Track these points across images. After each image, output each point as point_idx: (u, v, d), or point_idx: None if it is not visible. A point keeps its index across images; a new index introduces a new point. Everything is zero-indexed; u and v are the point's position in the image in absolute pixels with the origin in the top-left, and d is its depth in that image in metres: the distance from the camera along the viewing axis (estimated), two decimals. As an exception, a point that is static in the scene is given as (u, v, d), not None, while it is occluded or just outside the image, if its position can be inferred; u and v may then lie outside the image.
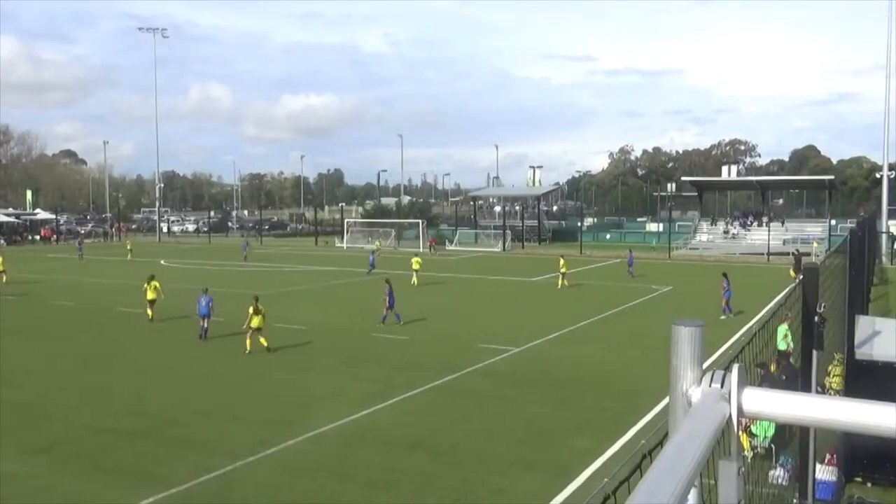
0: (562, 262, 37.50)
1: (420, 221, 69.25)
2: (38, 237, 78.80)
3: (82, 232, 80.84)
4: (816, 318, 5.56)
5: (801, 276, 5.98)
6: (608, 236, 75.50)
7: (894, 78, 53.58)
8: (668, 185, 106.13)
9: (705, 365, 1.56)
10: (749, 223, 63.80)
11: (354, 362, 20.67)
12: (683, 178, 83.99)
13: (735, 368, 1.47)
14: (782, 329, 10.95)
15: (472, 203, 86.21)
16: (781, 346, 11.83)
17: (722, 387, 1.47)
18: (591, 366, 20.13)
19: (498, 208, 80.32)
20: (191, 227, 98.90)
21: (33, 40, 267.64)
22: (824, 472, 10.19)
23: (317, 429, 14.59)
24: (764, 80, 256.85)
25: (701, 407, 1.43)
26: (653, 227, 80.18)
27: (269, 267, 49.39)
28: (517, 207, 77.71)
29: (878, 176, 59.82)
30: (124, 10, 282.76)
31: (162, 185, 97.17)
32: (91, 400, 17.00)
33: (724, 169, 77.26)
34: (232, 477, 12.26)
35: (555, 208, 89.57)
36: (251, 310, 21.87)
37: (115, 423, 15.28)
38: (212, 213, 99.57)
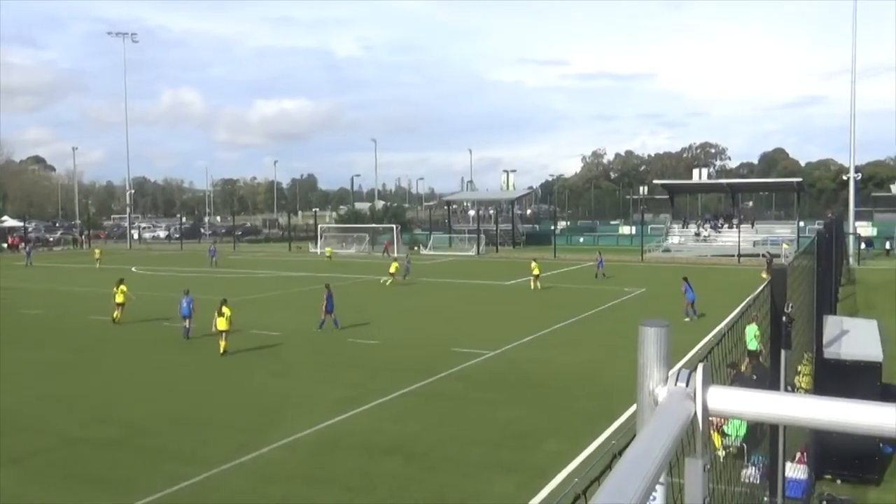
0: (533, 264, 38.02)
1: (394, 226, 69.17)
2: (5, 245, 77.52)
3: (45, 239, 79.83)
4: (784, 318, 5.65)
5: (770, 277, 6.08)
6: (581, 239, 76.02)
7: (860, 82, 54.66)
8: (641, 189, 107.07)
9: (678, 366, 1.59)
10: (720, 225, 64.55)
11: (329, 367, 20.59)
12: (655, 182, 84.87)
13: (699, 367, 1.49)
14: (751, 329, 11.11)
15: (446, 207, 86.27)
16: (752, 345, 11.99)
17: (687, 386, 1.49)
18: (565, 368, 20.23)
19: (472, 212, 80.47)
20: (162, 234, 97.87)
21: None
22: (795, 471, 10.33)
23: (292, 435, 14.49)
24: (734, 84, 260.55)
25: (667, 406, 1.46)
26: (626, 229, 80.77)
27: (243, 273, 49.04)
28: (491, 211, 77.95)
29: (845, 178, 60.83)
30: (95, 14, 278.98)
31: (132, 191, 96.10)
32: (62, 409, 16.75)
33: (695, 172, 78.05)
34: (206, 485, 12.14)
35: (529, 212, 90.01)
36: (216, 312, 22.28)
37: (87, 431, 15.06)
38: (183, 220, 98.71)
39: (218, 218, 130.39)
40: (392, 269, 40.38)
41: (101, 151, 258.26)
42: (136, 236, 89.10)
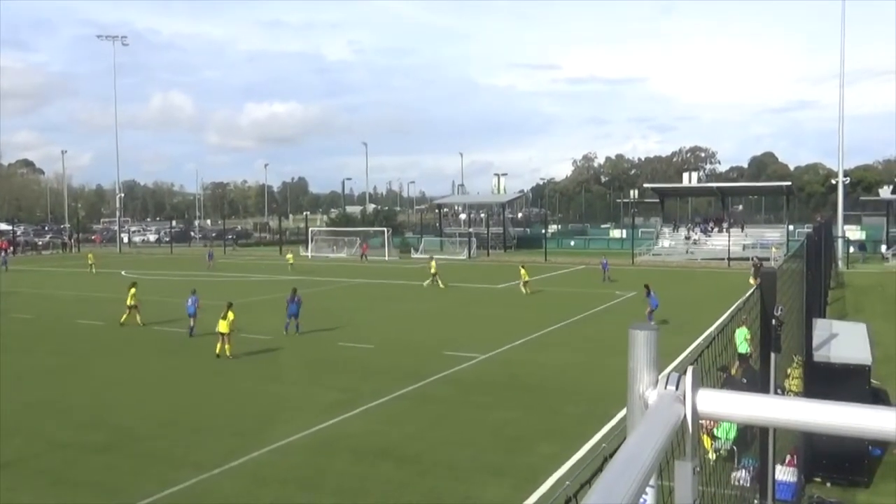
0: (522, 270, 38.36)
1: (385, 230, 69.08)
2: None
3: (34, 243, 79.49)
4: (774, 322, 5.68)
5: (759, 281, 6.11)
6: (572, 243, 76.13)
7: (849, 87, 55.02)
8: (631, 192, 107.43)
9: (668, 370, 1.60)
10: (710, 229, 64.75)
11: (322, 371, 20.56)
12: (646, 185, 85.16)
13: (689, 371, 1.51)
14: (741, 332, 11.16)
15: (437, 211, 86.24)
16: (742, 348, 12.04)
17: (677, 389, 1.51)
18: (557, 371, 20.25)
19: (463, 216, 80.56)
20: (152, 238, 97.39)
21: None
22: (784, 473, 10.37)
23: (285, 438, 14.47)
24: (724, 88, 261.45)
25: (656, 409, 1.47)
26: (616, 233, 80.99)
27: (235, 276, 48.88)
28: (482, 215, 77.99)
29: (833, 182, 61.18)
30: (85, 17, 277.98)
31: (122, 194, 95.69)
32: (53, 413, 16.66)
33: (685, 176, 78.35)
34: (198, 489, 12.10)
35: (520, 215, 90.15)
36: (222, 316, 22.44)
37: (77, 436, 14.98)
38: (174, 223, 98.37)
39: (208, 221, 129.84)
40: (433, 270, 41.66)
41: (91, 155, 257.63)
42: (125, 240, 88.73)
